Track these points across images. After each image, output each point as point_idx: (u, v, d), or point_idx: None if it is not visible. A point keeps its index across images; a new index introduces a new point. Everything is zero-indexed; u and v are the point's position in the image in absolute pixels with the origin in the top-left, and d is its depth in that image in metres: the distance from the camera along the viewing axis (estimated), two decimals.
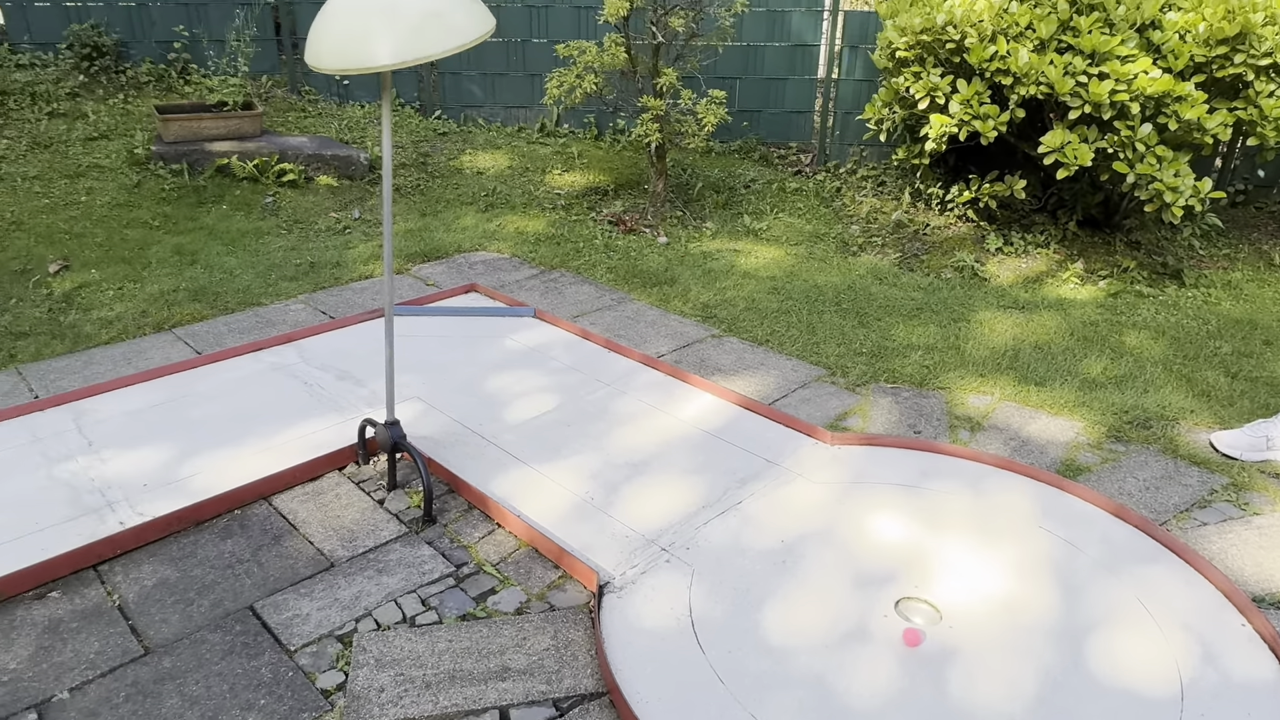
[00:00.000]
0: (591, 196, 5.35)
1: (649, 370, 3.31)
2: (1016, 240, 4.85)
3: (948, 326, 3.84)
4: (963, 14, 4.20)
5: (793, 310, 3.95)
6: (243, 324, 3.65)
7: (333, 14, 2.06)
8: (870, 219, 5.36)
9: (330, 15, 2.06)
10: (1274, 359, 3.64)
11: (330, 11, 2.07)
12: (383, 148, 2.28)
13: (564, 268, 4.42)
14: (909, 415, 3.07)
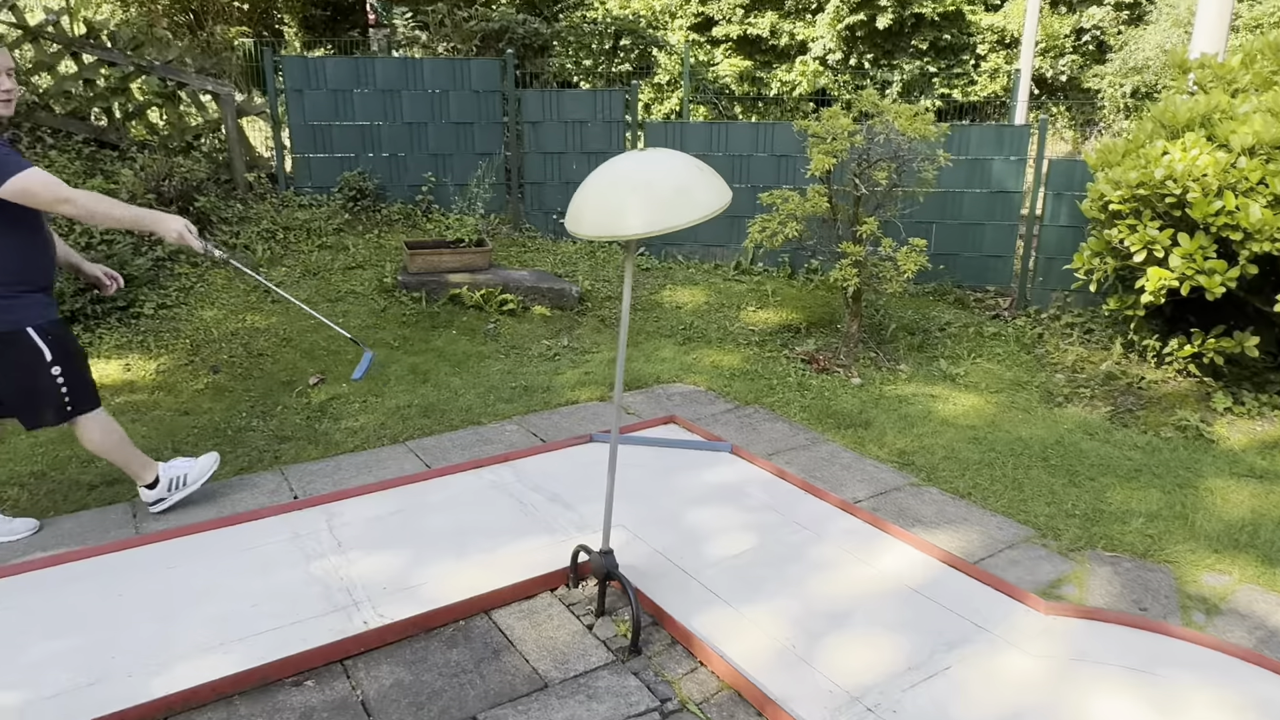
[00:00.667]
0: (784, 334, 5.50)
1: (847, 516, 3.31)
2: (1249, 400, 4.49)
3: (1172, 492, 3.58)
4: (1184, 169, 4.10)
5: (995, 462, 3.84)
6: (464, 441, 4.01)
7: (596, 188, 2.36)
8: (1076, 369, 5.15)
9: (594, 189, 2.37)
10: None
11: (594, 186, 2.38)
12: (623, 302, 2.53)
13: (758, 404, 4.54)
14: (1132, 589, 2.88)
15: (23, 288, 2.80)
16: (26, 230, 2.80)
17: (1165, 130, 4.52)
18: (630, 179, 2.32)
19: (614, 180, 2.35)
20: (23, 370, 2.82)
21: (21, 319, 2.79)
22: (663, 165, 2.34)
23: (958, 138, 5.91)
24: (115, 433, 3.08)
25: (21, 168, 2.66)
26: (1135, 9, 18.83)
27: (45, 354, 2.82)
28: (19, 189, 2.66)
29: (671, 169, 2.33)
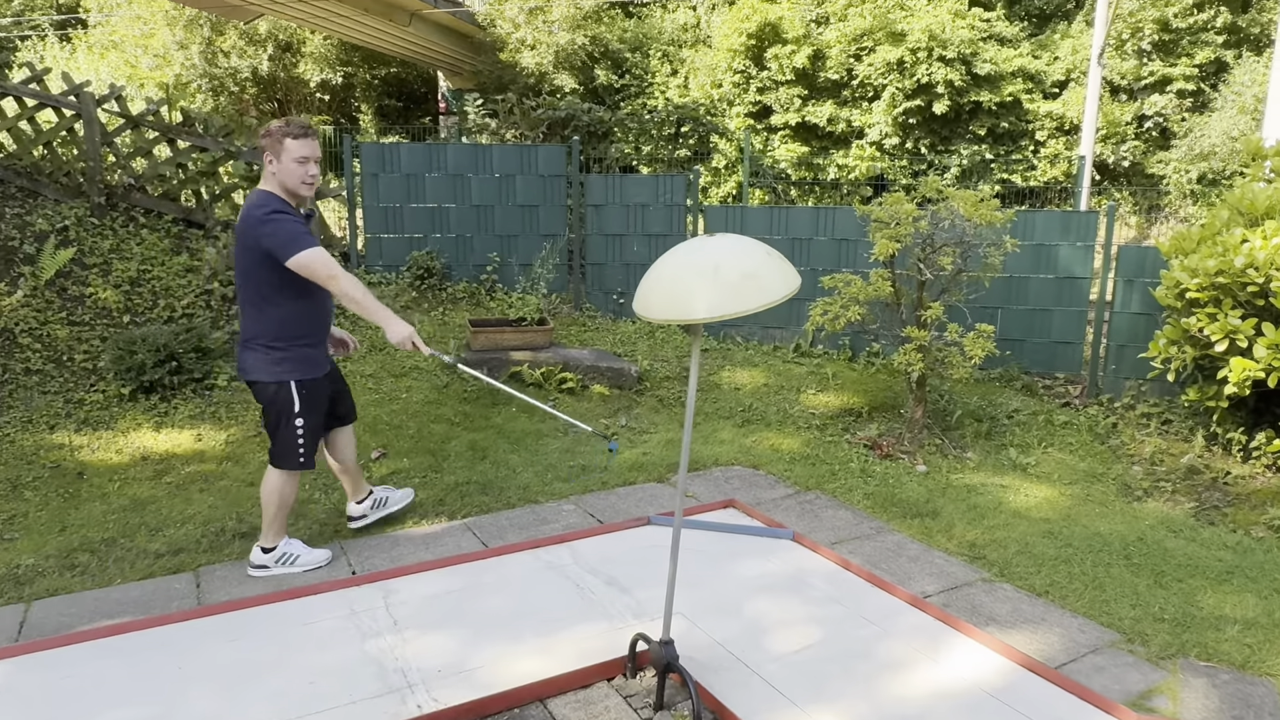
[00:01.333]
0: (845, 418, 5.41)
1: (916, 612, 3.17)
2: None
3: (1270, 598, 3.35)
4: (1266, 257, 3.98)
5: (1073, 559, 3.65)
6: (522, 520, 3.98)
7: (664, 272, 2.38)
8: (1155, 461, 4.93)
9: (662, 273, 2.39)
10: None
11: (662, 269, 2.40)
12: (689, 386, 2.52)
13: (819, 489, 4.44)
14: (1232, 704, 2.67)
15: (300, 343, 3.22)
16: (310, 295, 3.18)
17: (1243, 218, 4.42)
18: (698, 263, 2.33)
19: (682, 264, 2.37)
20: (279, 415, 3.24)
21: (286, 374, 3.20)
22: (731, 250, 2.35)
23: (1023, 222, 5.85)
24: (291, 497, 3.40)
25: (309, 245, 3.03)
26: (1199, 96, 18.70)
27: (296, 405, 3.23)
28: (303, 263, 3.03)
29: (740, 254, 2.34)
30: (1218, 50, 18.54)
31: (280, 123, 3.11)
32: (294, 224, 3.05)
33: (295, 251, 3.01)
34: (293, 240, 3.02)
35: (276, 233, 3.02)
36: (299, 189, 3.13)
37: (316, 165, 3.14)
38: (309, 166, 3.10)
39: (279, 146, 3.08)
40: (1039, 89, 19.29)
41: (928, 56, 17.90)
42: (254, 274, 3.12)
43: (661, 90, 19.21)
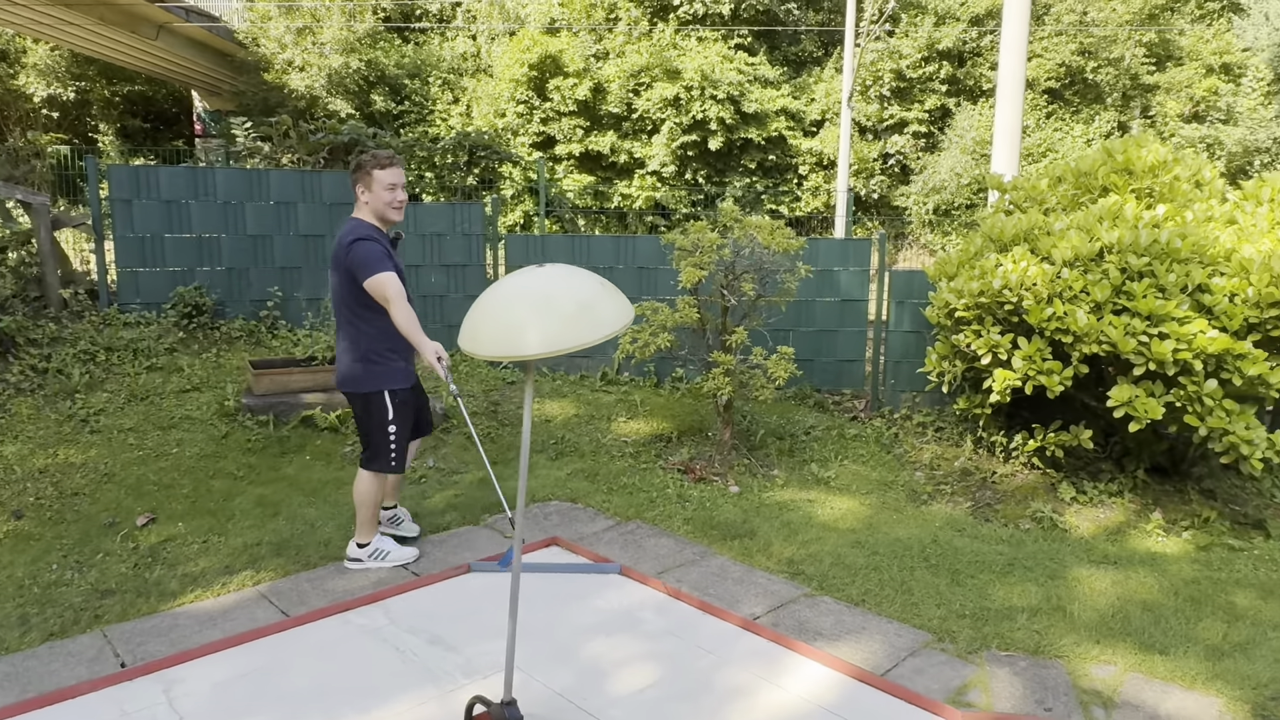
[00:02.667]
0: (657, 444, 5.45)
1: (750, 635, 3.19)
2: (1090, 489, 4.83)
3: (1045, 585, 3.73)
4: (1017, 279, 4.48)
5: (882, 566, 3.87)
6: (326, 580, 3.61)
7: (493, 304, 2.23)
8: (934, 466, 5.39)
9: (490, 305, 2.24)
10: None
11: (490, 302, 2.25)
12: (524, 425, 2.37)
13: (639, 519, 4.41)
14: (1033, 689, 2.90)
15: (390, 357, 3.51)
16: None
17: (994, 244, 4.96)
18: (530, 295, 2.21)
19: (513, 296, 2.23)
20: (376, 423, 3.54)
21: (380, 384, 3.50)
22: (565, 281, 2.25)
23: (810, 250, 6.24)
24: (377, 494, 3.65)
25: (383, 269, 3.32)
26: (930, 138, 21.17)
27: (389, 413, 3.52)
28: (373, 285, 3.33)
29: (574, 285, 2.24)
30: (942, 98, 21.08)
31: (368, 156, 3.44)
32: (376, 248, 3.35)
33: (370, 274, 3.31)
34: (369, 264, 3.32)
35: (358, 257, 3.33)
36: (389, 214, 3.46)
37: (404, 190, 3.48)
38: (397, 192, 3.44)
39: (369, 178, 3.41)
40: (799, 127, 20.98)
41: (701, 95, 18.91)
42: (344, 294, 3.46)
43: (443, 118, 18.80)
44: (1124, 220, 4.41)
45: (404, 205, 3.53)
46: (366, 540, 3.71)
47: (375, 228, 3.47)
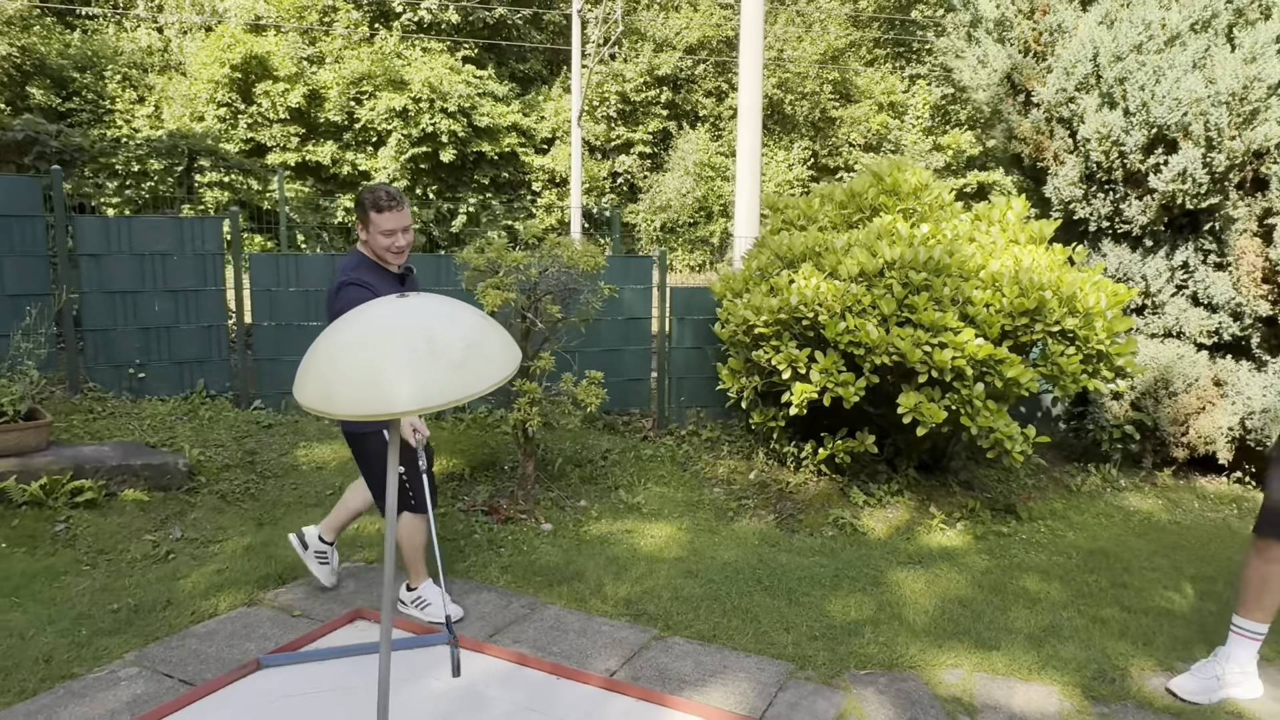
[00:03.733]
0: (450, 484, 4.94)
1: (617, 696, 2.89)
2: (875, 491, 5.12)
3: (871, 593, 3.82)
4: (812, 295, 4.62)
5: (720, 595, 3.74)
6: (57, 710, 2.74)
7: (351, 348, 1.73)
8: (730, 480, 5.44)
9: (346, 349, 1.73)
10: (1144, 587, 4.01)
11: (347, 344, 1.74)
12: (388, 492, 1.89)
13: (449, 573, 3.92)
14: (902, 705, 2.91)
15: None
16: None
17: (782, 261, 5.10)
18: (405, 335, 1.74)
19: (379, 337, 1.75)
20: (371, 469, 3.32)
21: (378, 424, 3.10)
22: (443, 316, 1.81)
23: None
24: (420, 536, 3.41)
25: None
26: (656, 158, 22.18)
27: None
28: None
29: (456, 320, 1.81)
30: (664, 121, 22.18)
31: (368, 193, 3.13)
32: (357, 294, 2.96)
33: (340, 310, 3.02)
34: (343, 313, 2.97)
35: (339, 306, 3.05)
36: (385, 256, 3.17)
37: (405, 235, 3.15)
38: (395, 239, 3.13)
39: (366, 218, 3.13)
40: (531, 144, 20.96)
41: (430, 107, 18.19)
42: None
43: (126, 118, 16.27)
44: (900, 238, 4.72)
45: (405, 250, 3.19)
46: (416, 585, 3.50)
47: (375, 265, 3.19)
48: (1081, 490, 5.56)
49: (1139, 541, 4.71)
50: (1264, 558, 2.91)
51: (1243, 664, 2.96)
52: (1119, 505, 5.32)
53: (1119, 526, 4.96)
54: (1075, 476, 5.76)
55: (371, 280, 3.12)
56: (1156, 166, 4.97)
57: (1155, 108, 4.74)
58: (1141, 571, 4.22)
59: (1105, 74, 4.93)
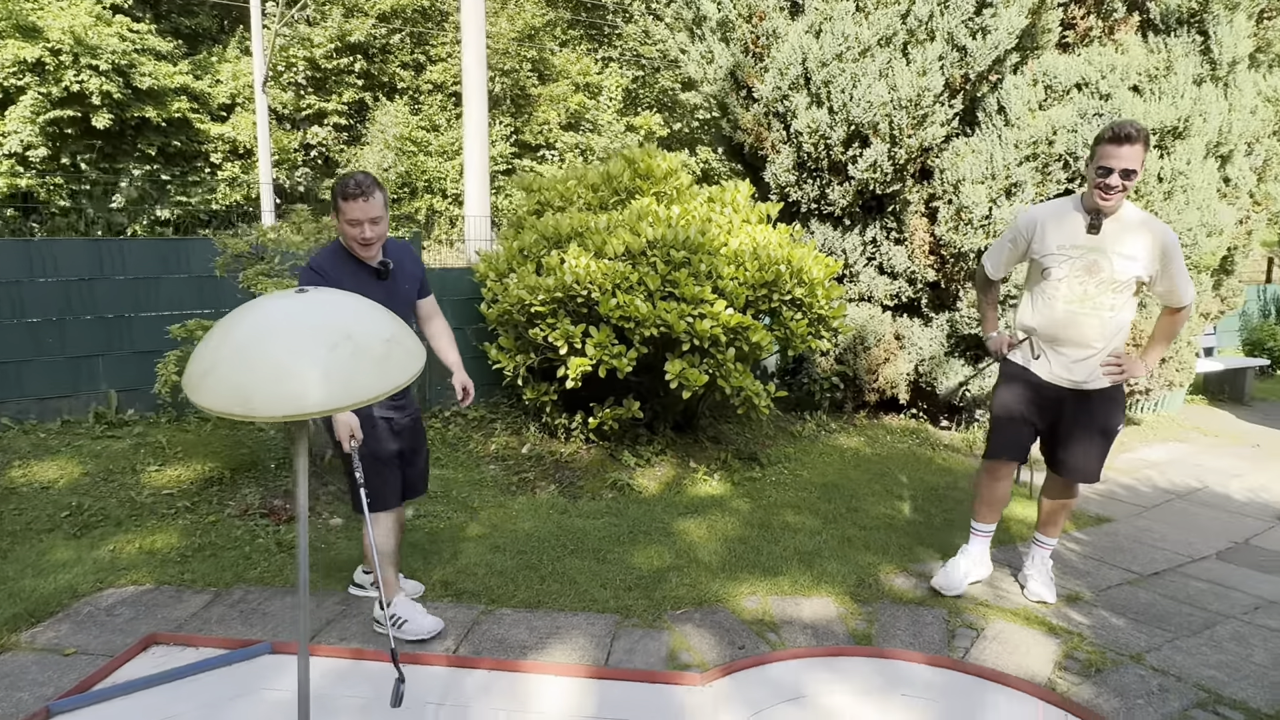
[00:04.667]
0: (212, 490, 4.53)
1: (468, 671, 2.97)
2: (642, 452, 5.56)
3: (666, 543, 4.22)
4: (584, 274, 4.88)
5: (533, 564, 3.92)
6: None
7: (261, 344, 1.67)
8: (504, 457, 5.58)
9: (256, 345, 1.67)
10: (870, 509, 4.85)
11: (253, 341, 1.67)
12: (298, 505, 1.83)
13: (242, 583, 3.66)
14: (719, 634, 3.32)
15: None
16: None
17: (548, 241, 5.30)
18: (323, 333, 1.71)
19: (291, 335, 1.71)
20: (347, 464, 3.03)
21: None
22: (354, 311, 1.80)
23: None
24: (388, 545, 3.18)
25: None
26: (353, 131, 21.02)
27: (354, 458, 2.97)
28: None
29: (368, 315, 1.81)
30: (359, 92, 21.06)
31: (338, 183, 2.91)
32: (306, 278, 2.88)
33: None
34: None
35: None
36: (354, 248, 2.97)
37: (374, 226, 2.92)
38: (362, 229, 2.91)
39: (336, 205, 2.93)
40: (206, 110, 18.82)
41: (74, 62, 15.59)
42: None
43: None
44: (659, 220, 5.14)
45: (375, 242, 2.95)
46: (388, 599, 3.21)
47: (348, 257, 3.00)
48: (803, 435, 6.47)
49: (856, 472, 5.64)
50: (993, 476, 3.64)
51: (978, 555, 3.73)
52: (834, 445, 6.29)
53: (838, 462, 5.89)
54: (796, 424, 6.68)
55: (331, 270, 2.93)
56: (854, 158, 5.90)
57: (853, 109, 5.63)
58: (865, 497, 5.09)
59: (814, 77, 5.74)
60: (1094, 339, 3.28)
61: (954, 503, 5.04)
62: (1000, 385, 3.61)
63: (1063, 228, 3.26)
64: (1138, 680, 3.04)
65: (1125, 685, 3.00)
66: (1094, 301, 3.23)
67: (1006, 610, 3.58)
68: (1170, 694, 2.95)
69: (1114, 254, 3.17)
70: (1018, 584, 3.84)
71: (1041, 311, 3.37)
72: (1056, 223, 3.29)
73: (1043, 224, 3.32)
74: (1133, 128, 3.03)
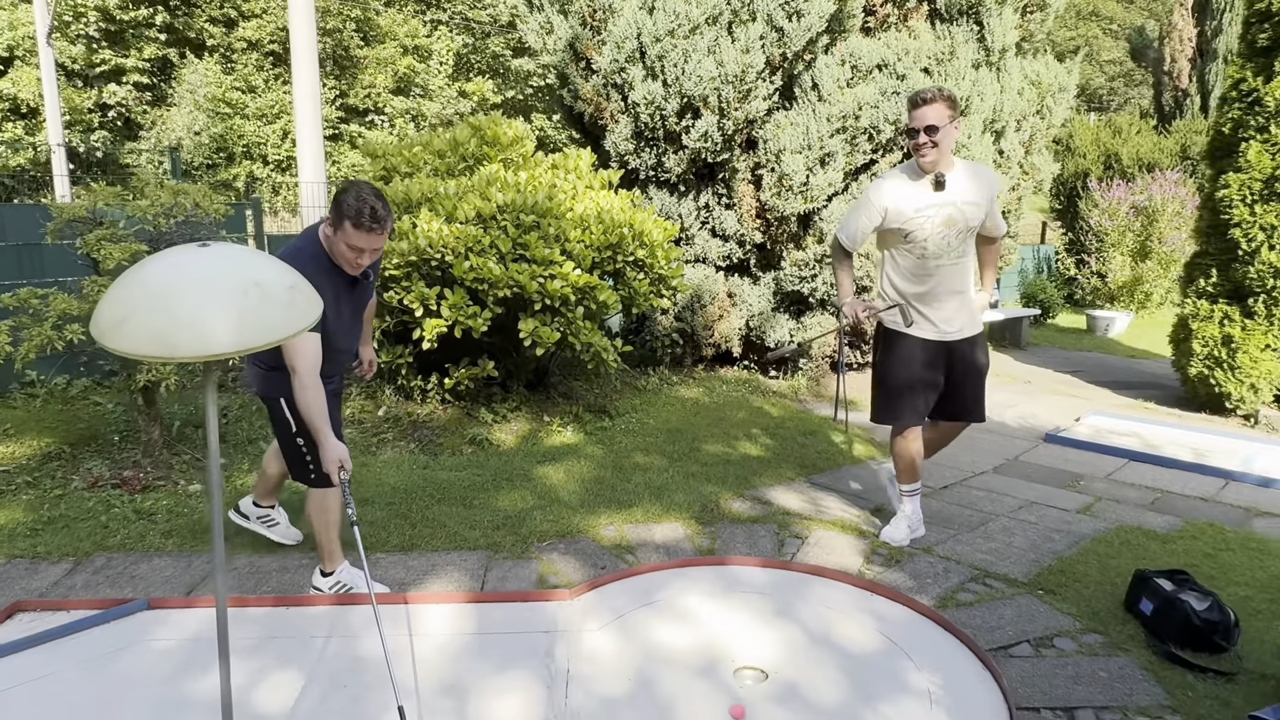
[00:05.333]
0: (54, 465, 4.39)
1: (353, 608, 3.18)
2: (498, 409, 5.82)
3: (527, 487, 4.54)
4: (437, 238, 5.05)
5: (403, 513, 4.12)
6: None
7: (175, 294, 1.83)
8: (360, 420, 5.67)
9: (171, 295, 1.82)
10: (709, 448, 5.38)
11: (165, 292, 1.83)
12: (210, 449, 2.00)
13: (104, 550, 3.66)
14: (582, 559, 3.69)
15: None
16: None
17: (399, 207, 5.40)
18: (234, 281, 1.89)
19: (202, 283, 1.87)
20: (280, 432, 3.19)
21: (277, 391, 3.06)
22: (259, 263, 1.99)
23: None
24: (330, 513, 3.23)
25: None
26: (157, 90, 19.43)
27: (291, 425, 3.10)
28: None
29: (270, 266, 2.00)
30: (163, 48, 19.49)
31: (353, 198, 2.82)
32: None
33: None
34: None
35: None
36: (343, 266, 2.99)
37: (372, 255, 2.94)
38: (360, 257, 2.92)
39: (341, 223, 2.85)
40: None
41: None
42: None
43: None
44: (508, 185, 5.37)
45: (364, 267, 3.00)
46: (330, 569, 3.32)
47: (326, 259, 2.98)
48: (647, 389, 6.94)
49: (696, 419, 6.17)
50: (904, 439, 3.89)
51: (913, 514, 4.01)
52: (675, 396, 6.80)
53: (680, 410, 6.40)
54: (640, 379, 7.14)
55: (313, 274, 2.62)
56: (687, 128, 6.35)
57: (685, 82, 6.06)
58: (705, 439, 5.61)
59: (649, 52, 6.12)
60: (959, 286, 3.67)
61: (781, 440, 5.66)
62: (889, 356, 3.78)
63: (914, 193, 3.59)
64: (928, 566, 3.70)
65: (918, 570, 3.65)
66: (955, 251, 3.60)
67: (825, 521, 4.18)
68: (952, 573, 3.62)
69: (963, 204, 3.56)
70: (836, 501, 4.46)
71: (910, 273, 3.66)
72: (906, 191, 3.61)
73: (894, 195, 3.62)
74: (928, 91, 3.48)
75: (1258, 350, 6.43)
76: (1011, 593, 3.46)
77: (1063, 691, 2.74)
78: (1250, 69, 6.41)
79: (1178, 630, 2.98)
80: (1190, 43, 16.23)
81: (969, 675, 2.80)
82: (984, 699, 2.67)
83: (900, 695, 2.68)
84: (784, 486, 4.72)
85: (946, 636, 3.05)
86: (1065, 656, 2.97)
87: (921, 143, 3.48)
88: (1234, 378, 6.55)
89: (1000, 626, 3.17)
